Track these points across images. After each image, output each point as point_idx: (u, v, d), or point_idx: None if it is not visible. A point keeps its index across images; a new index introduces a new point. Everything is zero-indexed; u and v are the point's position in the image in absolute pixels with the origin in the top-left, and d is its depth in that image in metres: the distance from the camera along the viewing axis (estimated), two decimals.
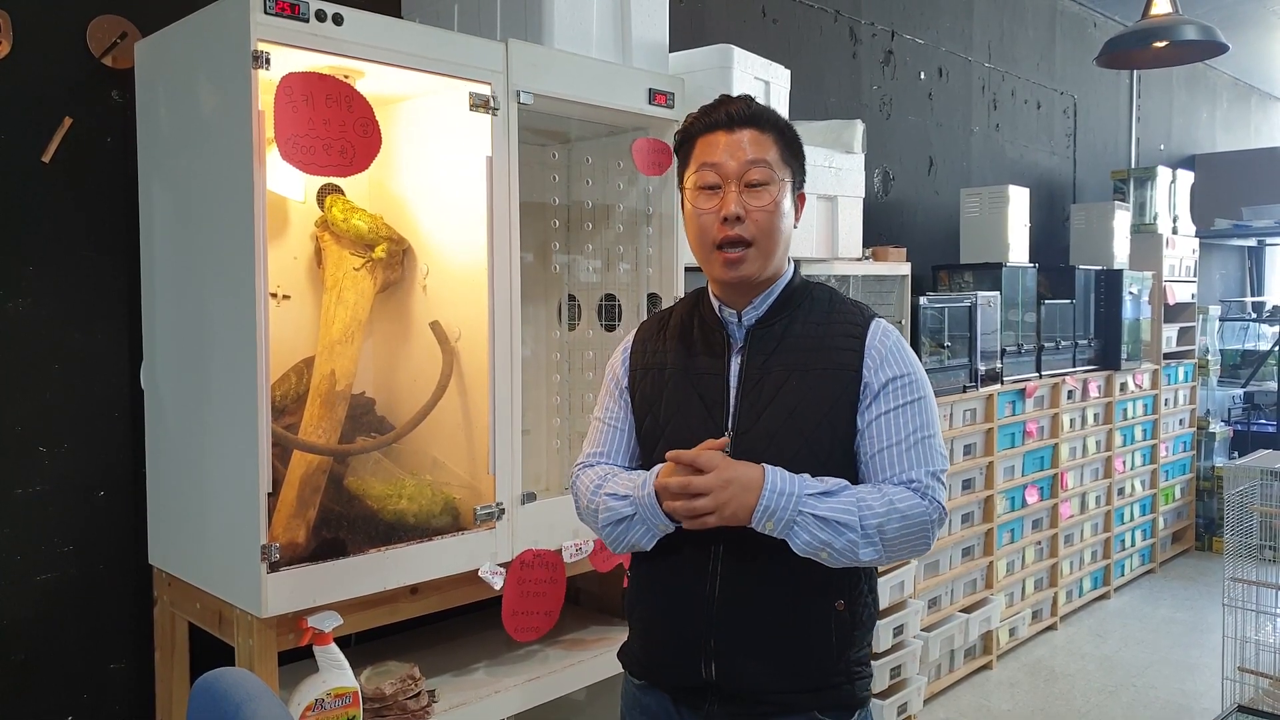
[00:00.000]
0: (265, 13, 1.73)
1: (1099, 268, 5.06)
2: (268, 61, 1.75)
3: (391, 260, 2.26)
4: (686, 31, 3.27)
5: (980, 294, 4.02)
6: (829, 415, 1.45)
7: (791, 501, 1.37)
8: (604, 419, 1.62)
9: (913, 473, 1.43)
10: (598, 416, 1.64)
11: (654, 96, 2.38)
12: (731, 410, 1.48)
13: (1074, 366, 4.76)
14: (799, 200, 1.56)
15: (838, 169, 3.18)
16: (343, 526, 2.04)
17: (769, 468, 1.39)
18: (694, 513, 1.38)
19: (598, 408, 1.65)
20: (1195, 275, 5.97)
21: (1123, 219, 5.29)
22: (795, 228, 1.56)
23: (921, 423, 1.46)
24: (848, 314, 1.53)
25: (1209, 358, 6.31)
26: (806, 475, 1.40)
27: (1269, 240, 7.42)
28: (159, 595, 2.18)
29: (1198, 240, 6.02)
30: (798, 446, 1.44)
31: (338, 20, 1.83)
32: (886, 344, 1.49)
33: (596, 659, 2.36)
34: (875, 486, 1.43)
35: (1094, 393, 4.88)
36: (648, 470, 1.50)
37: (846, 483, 1.42)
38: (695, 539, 1.46)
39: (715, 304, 1.55)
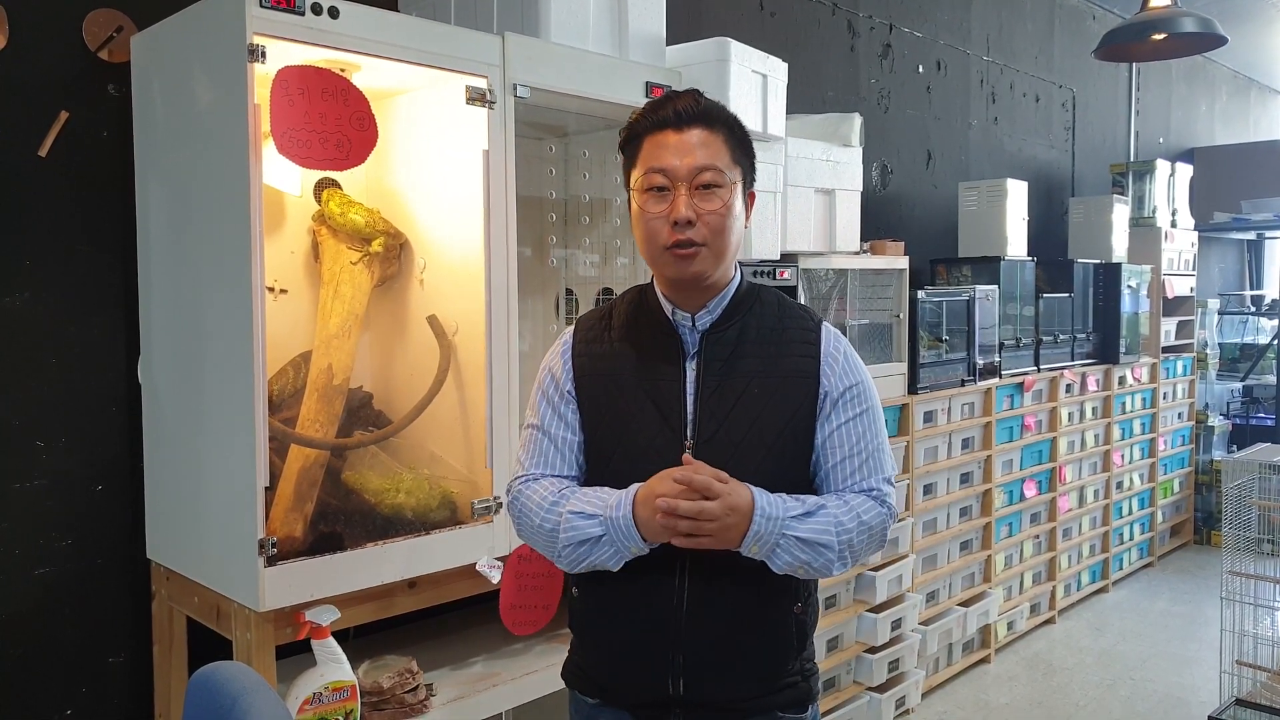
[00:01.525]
0: (261, 6, 1.73)
1: (1097, 261, 5.06)
2: (263, 55, 1.74)
3: (388, 254, 2.26)
4: (683, 24, 3.26)
5: (978, 288, 4.02)
6: (792, 422, 1.45)
7: (776, 525, 1.36)
8: (543, 429, 1.52)
9: (871, 480, 1.46)
10: (534, 424, 1.53)
11: (651, 90, 2.38)
12: (689, 418, 1.44)
13: (1072, 360, 4.76)
14: (749, 199, 1.51)
15: (835, 162, 3.18)
16: (340, 521, 2.04)
17: (756, 491, 1.37)
18: (699, 533, 1.34)
19: (532, 413, 1.54)
20: (1194, 269, 5.97)
21: (1121, 212, 5.29)
22: (746, 228, 1.52)
23: (875, 430, 1.49)
24: (798, 318, 1.51)
25: (1208, 351, 6.31)
26: (784, 495, 1.39)
27: (1268, 234, 7.42)
28: (157, 589, 2.19)
29: (1196, 234, 6.02)
30: (761, 455, 1.42)
31: (333, 14, 1.82)
32: (840, 349, 1.50)
33: None
34: (841, 500, 1.44)
35: (1092, 387, 4.88)
36: (597, 483, 1.46)
37: (822, 500, 1.43)
38: (660, 557, 1.42)
39: (667, 307, 1.49)
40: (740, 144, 1.47)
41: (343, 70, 1.96)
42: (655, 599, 1.44)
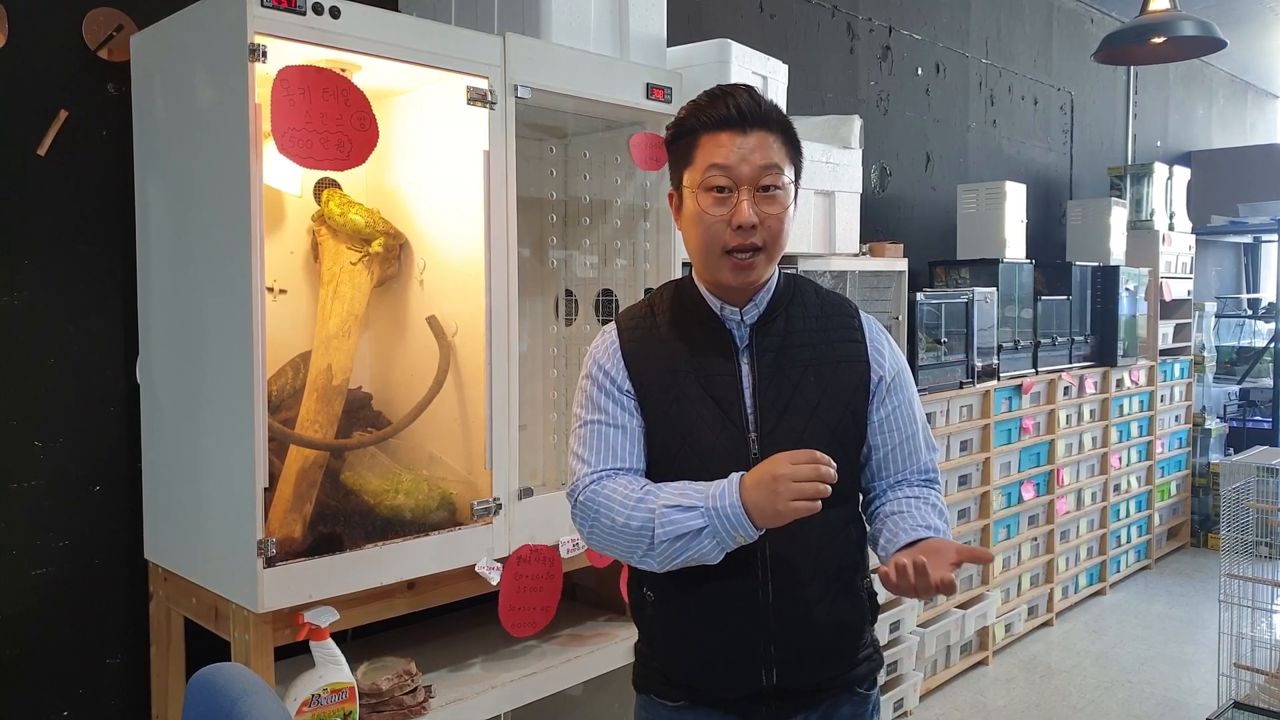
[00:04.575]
0: (262, 6, 1.72)
1: (1095, 264, 5.06)
2: (264, 54, 1.74)
3: (388, 255, 2.25)
4: (684, 26, 3.26)
5: (977, 290, 4.02)
6: (850, 407, 1.48)
7: None
8: (609, 422, 1.47)
9: (923, 458, 1.55)
10: (595, 420, 1.48)
11: (651, 91, 2.38)
12: (749, 411, 1.45)
13: (1070, 363, 4.76)
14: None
15: (835, 164, 3.18)
16: (339, 521, 2.03)
17: None
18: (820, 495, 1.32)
19: (588, 409, 1.49)
20: (1191, 272, 5.97)
21: (1119, 215, 5.29)
22: None
23: (919, 411, 1.57)
24: (838, 305, 1.56)
25: (1205, 354, 6.32)
26: None
27: (1265, 237, 7.43)
28: (154, 590, 2.18)
29: (1194, 237, 6.03)
30: (825, 441, 1.41)
31: (334, 13, 1.82)
32: (882, 336, 1.56)
33: (593, 654, 2.36)
34: (921, 498, 1.51)
35: (1090, 389, 4.88)
36: (661, 481, 1.42)
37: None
38: (739, 554, 1.40)
39: (714, 303, 1.49)
40: (792, 143, 1.47)
41: (343, 70, 1.96)
42: (741, 595, 1.45)
